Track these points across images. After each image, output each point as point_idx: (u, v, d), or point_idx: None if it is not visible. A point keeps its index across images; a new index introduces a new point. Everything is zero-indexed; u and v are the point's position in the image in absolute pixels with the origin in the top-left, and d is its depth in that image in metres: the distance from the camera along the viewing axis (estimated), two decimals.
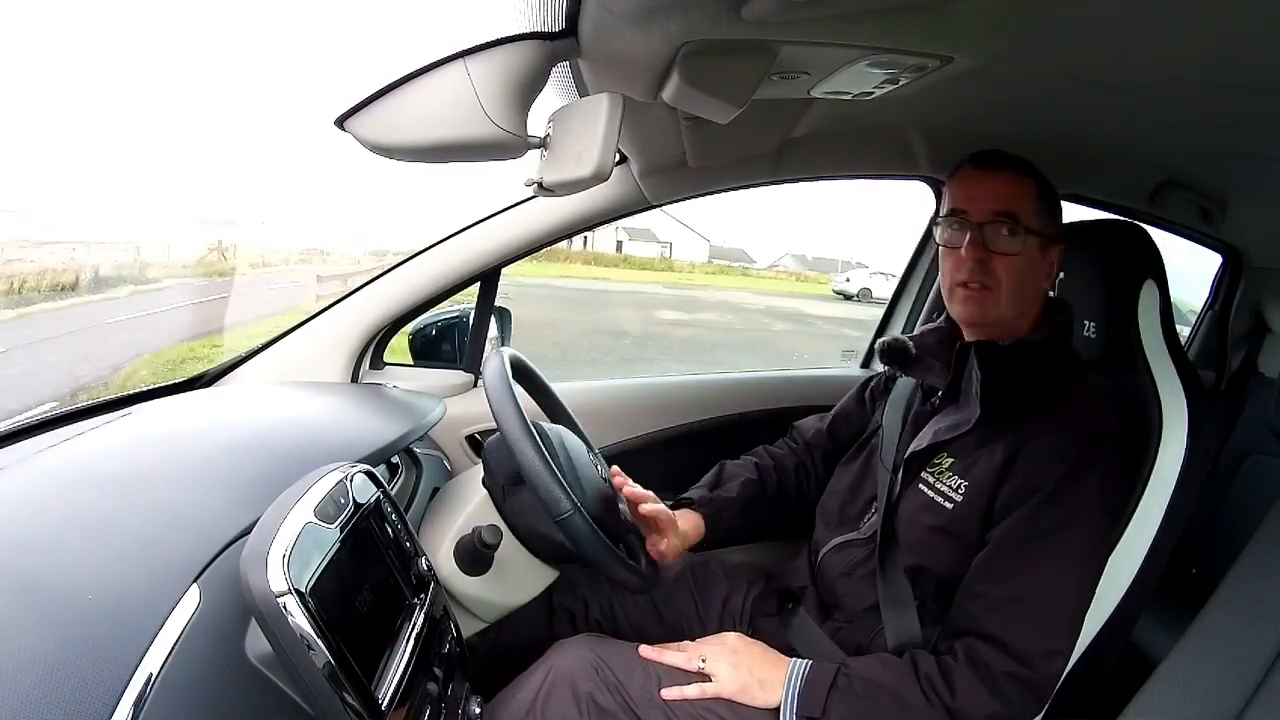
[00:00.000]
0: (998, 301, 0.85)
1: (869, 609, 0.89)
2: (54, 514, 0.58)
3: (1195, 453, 0.92)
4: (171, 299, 7.02)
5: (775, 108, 0.91)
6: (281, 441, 0.81)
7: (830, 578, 0.94)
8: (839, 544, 0.94)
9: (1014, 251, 0.84)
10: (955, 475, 0.85)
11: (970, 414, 0.84)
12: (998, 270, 0.85)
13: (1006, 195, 0.85)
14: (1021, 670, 0.75)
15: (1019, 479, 0.80)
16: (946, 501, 0.84)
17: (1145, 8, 0.57)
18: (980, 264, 0.84)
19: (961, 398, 0.88)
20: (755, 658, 0.84)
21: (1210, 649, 0.71)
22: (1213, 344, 1.62)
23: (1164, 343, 0.98)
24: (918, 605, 0.85)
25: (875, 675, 0.79)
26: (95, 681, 0.44)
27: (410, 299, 1.22)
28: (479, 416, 1.28)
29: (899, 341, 0.97)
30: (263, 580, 0.52)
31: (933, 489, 0.86)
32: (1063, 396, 0.84)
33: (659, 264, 25.46)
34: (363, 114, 0.60)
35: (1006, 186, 0.86)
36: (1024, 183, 0.86)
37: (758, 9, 0.51)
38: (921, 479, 0.88)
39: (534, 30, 0.61)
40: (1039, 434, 0.80)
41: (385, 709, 0.58)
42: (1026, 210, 0.85)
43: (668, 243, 26.85)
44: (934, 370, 0.94)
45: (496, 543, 0.83)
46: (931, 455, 0.88)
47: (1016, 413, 0.82)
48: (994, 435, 0.83)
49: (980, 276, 0.85)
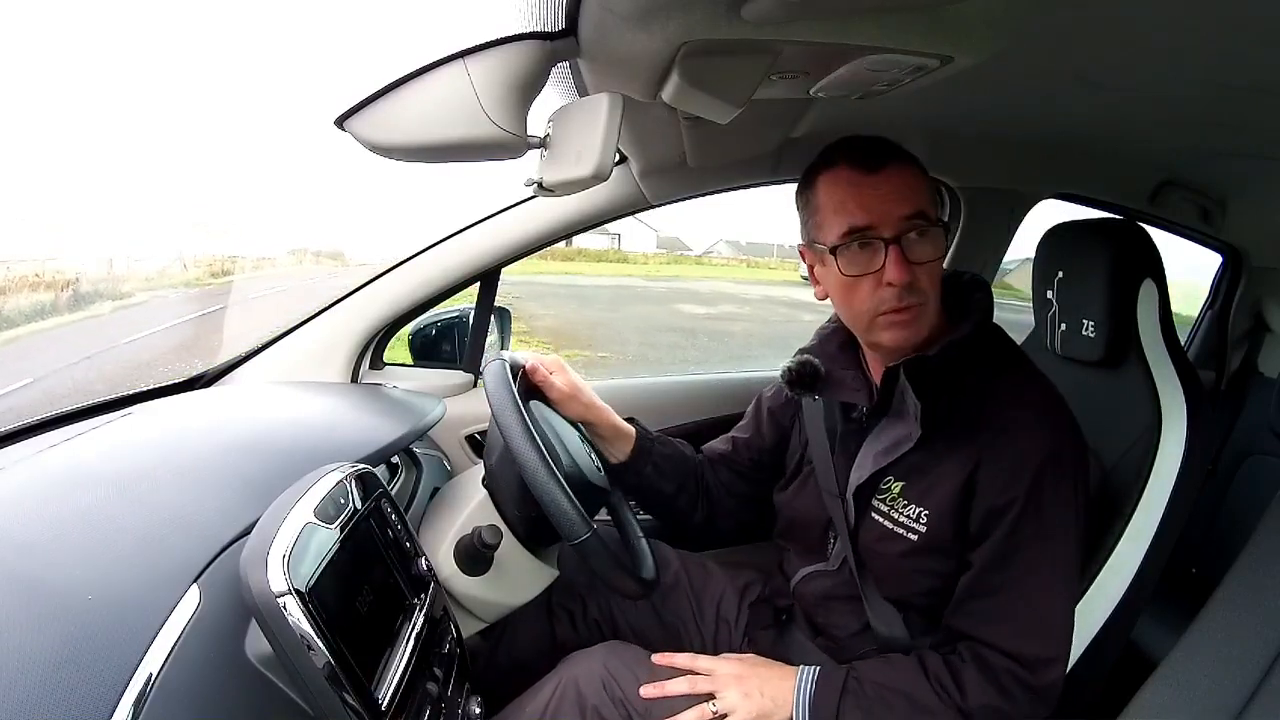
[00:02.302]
0: (928, 314, 0.76)
1: (855, 633, 0.87)
2: (54, 514, 0.58)
3: (1195, 452, 0.92)
4: (158, 314, 7.00)
5: (775, 108, 0.91)
6: (281, 441, 0.81)
7: (810, 604, 0.92)
8: (810, 574, 0.92)
9: (937, 256, 0.74)
10: (911, 503, 0.79)
11: (908, 431, 0.78)
12: (923, 283, 0.74)
13: (908, 193, 0.73)
14: (1022, 672, 0.75)
15: (986, 499, 0.75)
16: (910, 533, 0.79)
17: (1145, 8, 0.57)
18: (908, 286, 0.73)
19: (891, 413, 0.81)
20: (762, 677, 0.82)
21: (1210, 649, 0.71)
22: (1213, 344, 1.63)
23: (1163, 342, 0.98)
24: (903, 618, 0.84)
25: (885, 677, 0.78)
26: (95, 681, 0.44)
27: (410, 299, 1.22)
28: (479, 416, 1.28)
29: (809, 365, 0.88)
30: (263, 580, 0.52)
31: (888, 518, 0.81)
32: (1012, 398, 0.77)
33: (612, 255, 25.21)
34: (362, 114, 0.60)
35: (904, 180, 0.74)
36: (913, 171, 0.75)
37: (758, 9, 0.51)
38: (874, 508, 0.83)
39: (534, 30, 0.61)
40: (995, 445, 0.75)
41: (385, 709, 0.58)
42: (929, 200, 0.75)
43: (616, 234, 26.38)
44: (846, 385, 0.85)
45: (496, 543, 0.83)
46: (877, 482, 0.82)
47: (963, 423, 0.76)
48: (943, 452, 0.77)
49: (910, 299, 0.74)
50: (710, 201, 1.30)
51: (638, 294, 14.76)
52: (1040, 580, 0.75)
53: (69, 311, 6.21)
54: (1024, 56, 0.68)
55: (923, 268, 0.74)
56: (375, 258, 16.29)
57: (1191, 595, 0.82)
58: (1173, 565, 0.93)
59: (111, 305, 7.08)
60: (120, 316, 6.76)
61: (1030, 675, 0.74)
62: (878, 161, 0.74)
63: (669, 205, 1.27)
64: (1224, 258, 1.60)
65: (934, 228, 0.75)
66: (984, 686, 0.75)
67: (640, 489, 1.02)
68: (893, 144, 0.77)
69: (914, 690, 0.77)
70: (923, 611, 0.83)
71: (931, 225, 0.74)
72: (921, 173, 0.77)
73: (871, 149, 0.75)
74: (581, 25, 0.59)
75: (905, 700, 0.76)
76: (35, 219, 12.97)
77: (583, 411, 0.97)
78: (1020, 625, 0.75)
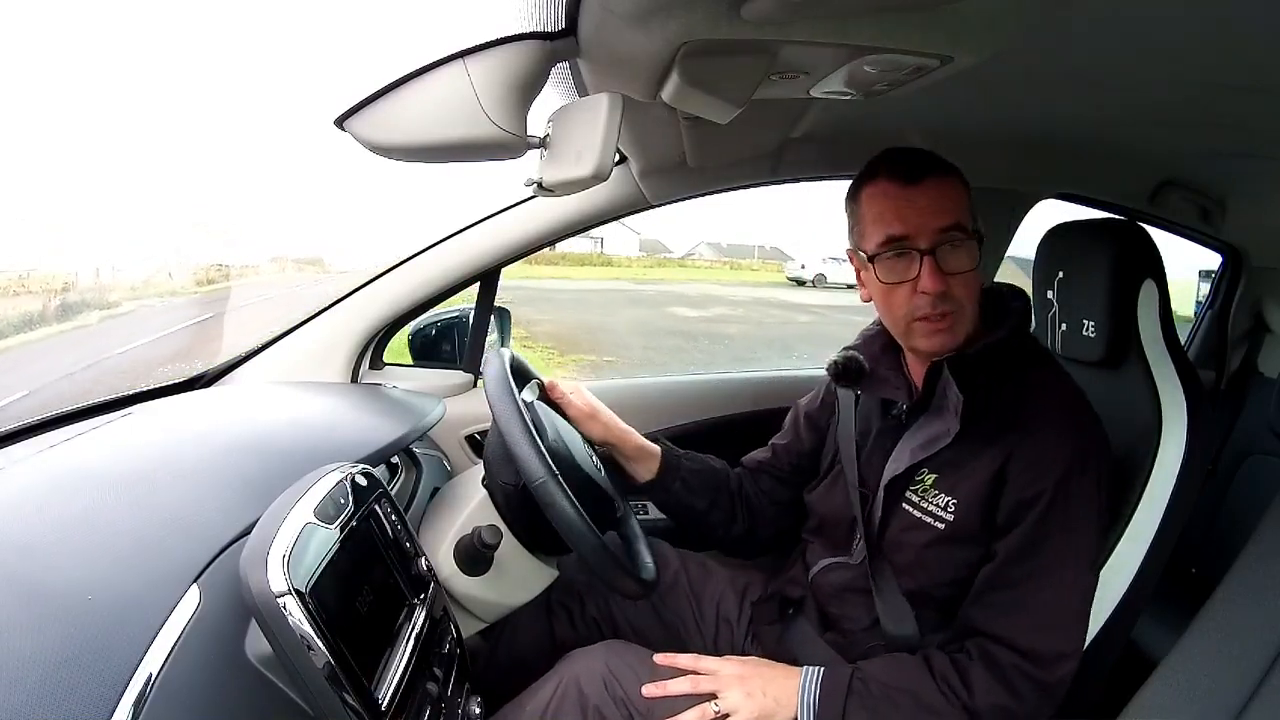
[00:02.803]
0: (963, 321, 0.80)
1: (866, 628, 0.88)
2: (54, 514, 0.58)
3: (1195, 452, 0.92)
4: (146, 322, 6.96)
5: (775, 108, 0.91)
6: (281, 441, 0.81)
7: (825, 595, 0.93)
8: (831, 565, 0.93)
9: (971, 266, 0.78)
10: (941, 493, 0.82)
11: (948, 427, 0.80)
12: (957, 292, 0.77)
13: (946, 205, 0.77)
14: (1034, 670, 0.75)
15: (1016, 491, 0.78)
16: (937, 521, 0.81)
17: (1145, 8, 0.57)
18: (941, 295, 0.77)
19: (931, 410, 0.84)
20: (765, 677, 0.82)
21: (1210, 649, 0.71)
22: (1213, 344, 1.62)
23: (1164, 343, 0.98)
24: (915, 616, 0.84)
25: (891, 677, 0.78)
26: (95, 681, 0.44)
27: (410, 299, 1.22)
28: (478, 416, 1.28)
29: (854, 360, 0.91)
30: (263, 580, 0.52)
31: (918, 509, 0.83)
32: (1042, 397, 0.81)
33: (597, 259, 25.33)
34: (362, 114, 0.60)
35: (942, 193, 0.77)
36: (954, 184, 0.79)
37: (757, 9, 0.51)
38: (906, 499, 0.85)
39: (534, 30, 0.61)
40: (1026, 441, 0.78)
41: (385, 709, 0.58)
42: (966, 212, 0.78)
43: (600, 237, 26.64)
44: (889, 383, 0.89)
45: (496, 543, 0.83)
46: (912, 474, 0.84)
47: (997, 420, 0.80)
48: (977, 447, 0.80)
49: (943, 306, 0.77)
50: (691, 202, 1.31)
51: (630, 297, 14.81)
52: (1062, 574, 0.77)
53: (57, 322, 6.19)
54: (1024, 56, 0.68)
55: (957, 278, 0.77)
56: (354, 265, 16.38)
57: (1191, 595, 0.82)
58: (1173, 565, 0.93)
59: (99, 314, 7.07)
60: (107, 326, 6.74)
61: (1042, 671, 0.75)
62: (917, 174, 0.78)
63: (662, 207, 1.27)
64: (1224, 258, 1.60)
65: (969, 240, 0.78)
66: (992, 684, 0.75)
67: (671, 506, 1.03)
68: (934, 157, 0.80)
69: (920, 690, 0.77)
70: (939, 606, 0.83)
71: (967, 237, 0.77)
72: (962, 185, 0.80)
73: (912, 161, 0.79)
74: (581, 25, 0.59)
75: (911, 699, 0.76)
76: (34, 219, 13.00)
77: (603, 432, 0.99)
78: (1038, 618, 0.76)
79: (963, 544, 0.81)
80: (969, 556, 0.81)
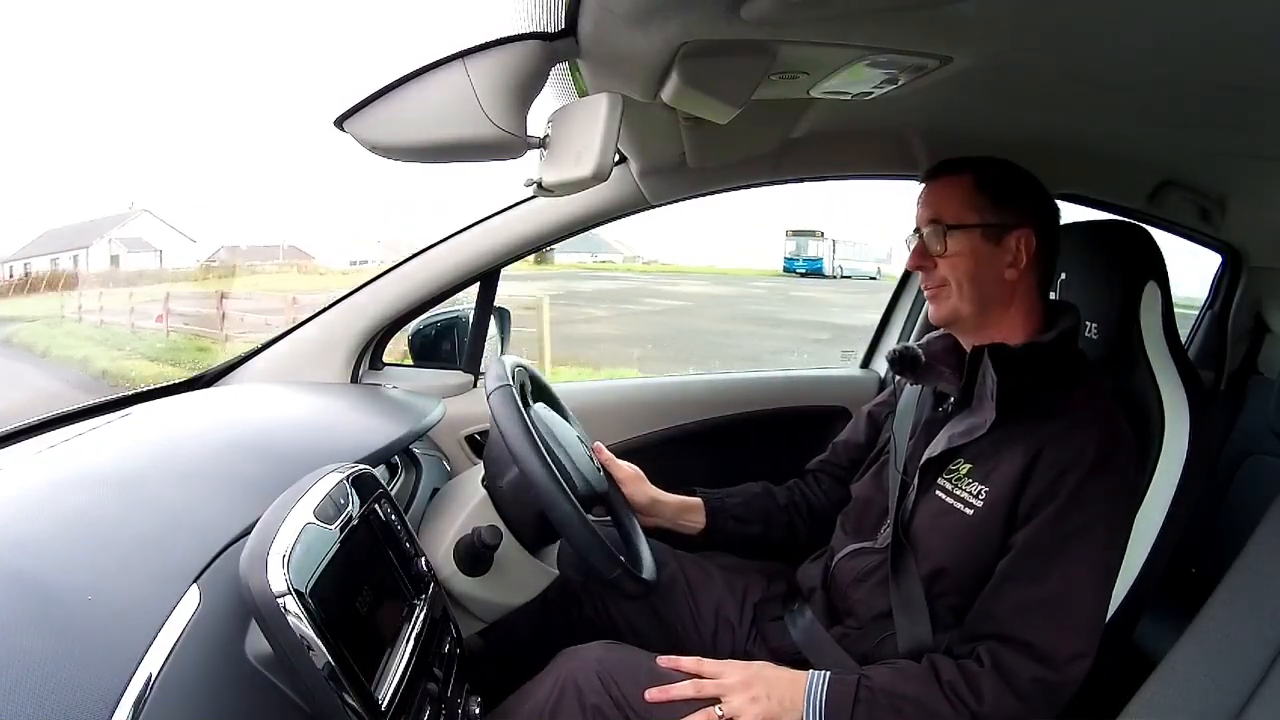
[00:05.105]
0: (952, 296, 0.89)
1: (878, 617, 0.88)
2: (54, 514, 0.59)
3: (1196, 453, 0.92)
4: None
5: (775, 108, 0.91)
6: (281, 442, 0.81)
7: (843, 584, 0.93)
8: (853, 550, 0.94)
9: (947, 252, 0.89)
10: (974, 481, 0.84)
11: (985, 417, 0.83)
12: (942, 271, 0.90)
13: (935, 201, 0.91)
14: (1047, 674, 0.75)
15: (1042, 482, 0.79)
16: (967, 507, 0.83)
17: (1145, 8, 0.57)
18: (925, 269, 0.91)
19: (974, 402, 0.87)
20: (769, 681, 0.82)
21: (1210, 649, 0.71)
22: (1213, 344, 1.62)
23: (1165, 343, 0.98)
24: (930, 611, 0.84)
25: (898, 686, 0.78)
26: (95, 682, 0.44)
27: (410, 299, 1.22)
28: (478, 417, 1.28)
29: (910, 350, 0.98)
30: (262, 581, 0.52)
31: (950, 495, 0.86)
32: (1079, 398, 0.84)
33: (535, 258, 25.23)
34: (362, 114, 0.60)
35: (936, 192, 0.91)
36: (954, 182, 0.90)
37: (757, 9, 0.51)
38: (938, 485, 0.87)
39: (534, 30, 0.61)
40: (1058, 436, 0.80)
41: (385, 709, 0.58)
42: (951, 209, 0.89)
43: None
44: (944, 377, 0.95)
45: (496, 543, 0.83)
46: (948, 461, 0.87)
47: (1032, 414, 0.82)
48: (1011, 438, 0.82)
49: (929, 280, 0.91)
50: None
51: (635, 291, 15.00)
52: (1076, 573, 0.77)
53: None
54: (1023, 57, 0.68)
55: (944, 260, 0.89)
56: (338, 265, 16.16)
57: (1191, 595, 0.82)
58: (1173, 565, 0.93)
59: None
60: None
61: (1057, 674, 0.75)
62: (934, 173, 0.93)
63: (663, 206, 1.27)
64: (1224, 258, 1.59)
65: (954, 230, 0.88)
66: (1003, 692, 0.75)
67: (731, 543, 1.09)
68: (959, 160, 0.91)
69: (926, 698, 0.77)
70: (952, 600, 0.84)
71: (948, 229, 0.88)
72: (970, 184, 0.89)
73: (938, 165, 0.93)
74: (581, 25, 0.59)
75: (918, 708, 0.77)
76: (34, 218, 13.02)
77: (647, 498, 1.05)
78: (1051, 616, 0.76)
79: (986, 534, 0.82)
80: (991, 547, 0.82)
